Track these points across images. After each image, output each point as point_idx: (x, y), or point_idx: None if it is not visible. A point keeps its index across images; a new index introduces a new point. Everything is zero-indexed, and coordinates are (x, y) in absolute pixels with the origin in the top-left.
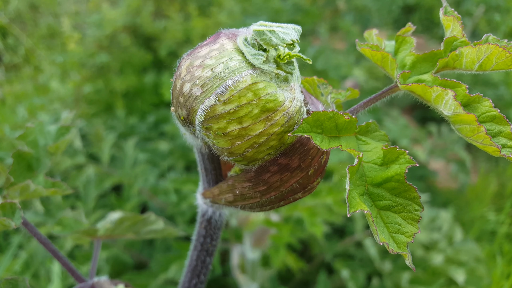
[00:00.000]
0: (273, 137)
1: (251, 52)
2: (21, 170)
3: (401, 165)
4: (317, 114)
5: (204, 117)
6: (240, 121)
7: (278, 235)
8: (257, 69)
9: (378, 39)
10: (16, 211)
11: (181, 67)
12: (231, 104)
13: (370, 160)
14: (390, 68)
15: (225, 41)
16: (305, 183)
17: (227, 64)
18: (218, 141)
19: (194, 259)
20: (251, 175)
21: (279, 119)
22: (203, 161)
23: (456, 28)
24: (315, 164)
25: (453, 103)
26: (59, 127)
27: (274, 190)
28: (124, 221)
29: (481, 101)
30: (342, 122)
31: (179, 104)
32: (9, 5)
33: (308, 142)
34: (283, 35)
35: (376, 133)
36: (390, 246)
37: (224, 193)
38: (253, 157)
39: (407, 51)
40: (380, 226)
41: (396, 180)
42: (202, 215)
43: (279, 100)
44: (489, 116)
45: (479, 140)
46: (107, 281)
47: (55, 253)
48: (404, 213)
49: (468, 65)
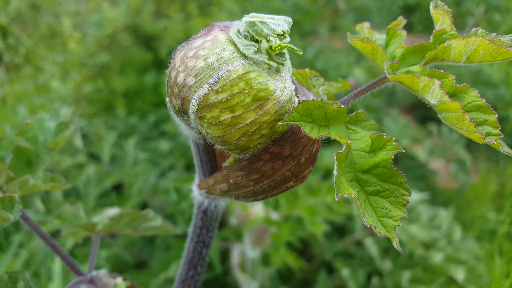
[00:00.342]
0: (264, 126)
1: (243, 43)
2: (21, 165)
3: (388, 152)
4: (306, 103)
5: (198, 106)
6: (232, 110)
7: (278, 234)
8: (249, 59)
9: (369, 32)
10: (15, 204)
11: (175, 58)
12: (224, 93)
13: (359, 148)
14: (380, 60)
15: (218, 33)
16: (297, 171)
17: (219, 54)
18: (212, 130)
19: (191, 251)
20: (244, 163)
21: (270, 108)
22: (199, 153)
23: (446, 21)
24: (306, 153)
25: (439, 92)
26: (58, 123)
27: (267, 179)
28: (123, 217)
29: (468, 91)
30: (331, 111)
31: (173, 94)
32: (9, 5)
33: (299, 131)
34: (274, 26)
35: (365, 122)
36: (378, 229)
37: (218, 183)
38: (246, 146)
39: (397, 44)
40: (368, 211)
41: (383, 166)
42: (198, 206)
43: (270, 89)
44: (475, 106)
45: (464, 127)
46: (106, 275)
47: (55, 248)
48: (391, 198)
49: (456, 57)
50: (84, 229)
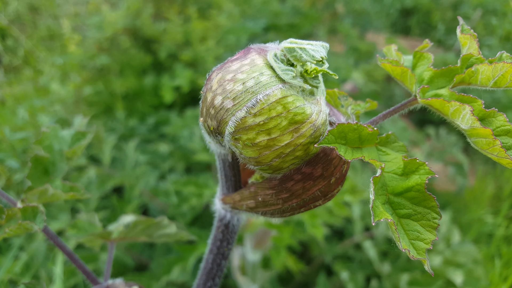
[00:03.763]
0: (299, 148)
1: (281, 68)
2: (38, 174)
3: (421, 176)
4: (342, 126)
5: (235, 128)
6: (269, 133)
7: (279, 237)
8: (286, 83)
9: (397, 54)
10: (38, 214)
11: (212, 80)
12: (261, 117)
13: (391, 170)
14: (409, 82)
15: (255, 56)
16: (327, 191)
17: (258, 78)
18: (246, 151)
19: (210, 262)
20: (274, 183)
21: (306, 131)
22: (224, 168)
23: (473, 46)
24: (337, 173)
25: (471, 118)
26: (75, 133)
27: (296, 198)
28: (137, 225)
29: (496, 115)
30: (365, 134)
31: (209, 116)
32: (8, 6)
33: (332, 152)
34: (313, 52)
35: (395, 143)
36: (411, 253)
37: (245, 199)
38: (279, 166)
39: (425, 66)
40: (401, 234)
41: (416, 190)
42: (219, 219)
43: (307, 113)
44: (503, 130)
45: (494, 152)
46: (122, 283)
47: (71, 256)
48: (423, 221)
49: (484, 82)
50: (100, 237)
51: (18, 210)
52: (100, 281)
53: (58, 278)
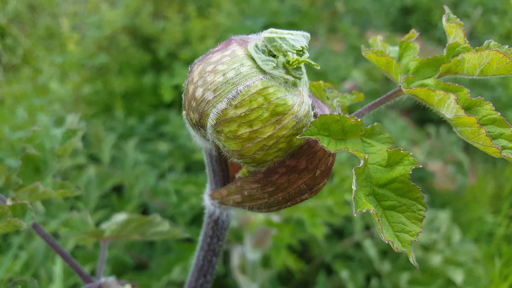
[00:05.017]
0: (282, 140)
1: (262, 58)
2: (29, 172)
3: (405, 167)
4: (324, 118)
5: (216, 120)
6: (250, 124)
7: (279, 236)
8: (267, 74)
9: (383, 45)
10: (27, 212)
11: (193, 72)
12: (242, 108)
13: (375, 162)
14: (394, 73)
15: (236, 48)
16: (312, 184)
17: (238, 69)
18: (229, 144)
19: (201, 259)
20: (259, 176)
21: (288, 122)
22: (211, 163)
23: (459, 34)
24: (321, 166)
25: (455, 106)
26: (66, 131)
27: (282, 191)
28: (130, 223)
29: (482, 104)
30: (348, 125)
31: (191, 108)
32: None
33: (316, 144)
34: (293, 41)
35: (380, 135)
36: (395, 245)
37: (232, 194)
38: (262, 159)
39: (411, 57)
40: (385, 225)
41: (400, 181)
42: (209, 216)
43: (289, 104)
44: (489, 119)
45: (479, 141)
46: (114, 282)
47: (63, 254)
48: (408, 213)
49: (470, 71)
50: (92, 235)
51: (8, 207)
52: (93, 279)
53: (58, 278)
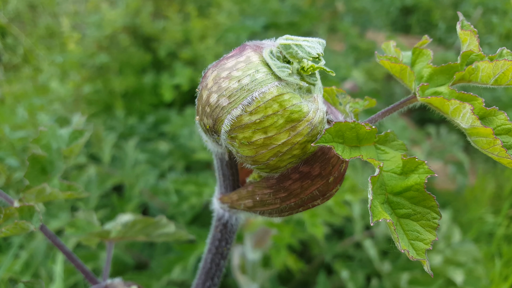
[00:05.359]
0: (296, 146)
1: (277, 65)
2: (36, 173)
3: (420, 175)
4: (339, 125)
5: (230, 126)
6: (265, 131)
7: (279, 236)
8: (282, 81)
9: (396, 51)
10: (34, 214)
11: (207, 78)
12: (257, 115)
13: (390, 169)
14: (408, 80)
15: (251, 54)
16: (325, 190)
17: (253, 76)
18: (243, 150)
19: (209, 262)
20: (272, 182)
21: (303, 129)
22: (222, 167)
23: (473, 42)
24: (335, 172)
25: (471, 117)
26: (73, 131)
27: (294, 197)
28: (136, 224)
29: (497, 114)
30: (363, 133)
31: (205, 114)
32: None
33: (329, 151)
34: (309, 48)
35: (394, 142)
36: (410, 253)
37: (243, 198)
38: (276, 165)
39: (424, 63)
40: (400, 234)
41: (415, 190)
42: (218, 219)
43: (304, 111)
44: (504, 129)
45: (495, 152)
46: (121, 283)
47: (69, 255)
48: (423, 221)
49: (484, 79)
50: (98, 236)
51: (15, 209)
52: (99, 280)
53: (58, 277)
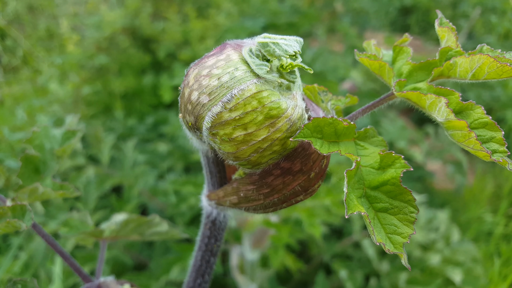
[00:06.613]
0: (276, 142)
1: (256, 63)
2: (29, 173)
3: (396, 169)
4: (317, 120)
5: (211, 123)
6: (245, 127)
7: (277, 236)
8: (261, 78)
9: (376, 49)
10: (26, 212)
11: (189, 76)
12: (237, 112)
13: (368, 164)
14: (387, 76)
15: (231, 52)
16: (307, 186)
17: (233, 73)
18: (224, 146)
19: (199, 259)
20: (255, 178)
21: (282, 126)
22: (208, 165)
23: (451, 38)
24: (316, 168)
25: (446, 110)
26: (65, 131)
27: (277, 193)
28: (129, 223)
29: (474, 108)
30: (341, 128)
31: (187, 111)
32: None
33: (310, 147)
34: (286, 46)
35: (374, 138)
36: (387, 246)
37: (228, 195)
38: (257, 161)
39: (404, 60)
40: (377, 227)
41: (392, 184)
42: (206, 216)
43: (282, 108)
44: (481, 123)
45: (470, 145)
46: (113, 281)
47: (63, 254)
48: (400, 215)
49: (462, 74)
50: (91, 235)
51: (8, 208)
52: (93, 279)
53: (57, 278)
